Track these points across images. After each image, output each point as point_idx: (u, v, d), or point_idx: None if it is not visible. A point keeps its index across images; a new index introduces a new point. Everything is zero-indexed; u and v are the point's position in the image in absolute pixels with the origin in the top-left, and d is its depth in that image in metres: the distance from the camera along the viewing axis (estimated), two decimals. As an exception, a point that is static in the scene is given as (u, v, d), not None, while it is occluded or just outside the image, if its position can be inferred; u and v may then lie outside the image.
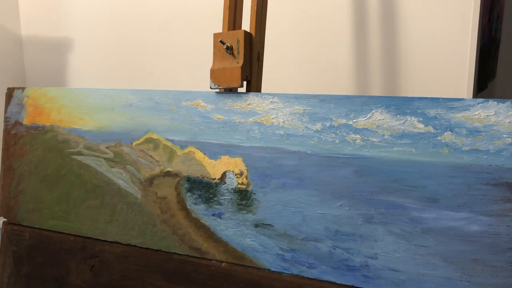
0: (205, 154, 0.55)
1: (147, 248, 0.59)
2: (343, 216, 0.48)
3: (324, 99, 0.50)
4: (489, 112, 0.42)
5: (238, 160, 0.53)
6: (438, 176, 0.44)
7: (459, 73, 0.68)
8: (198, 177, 0.56)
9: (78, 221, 0.63)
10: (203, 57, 0.64)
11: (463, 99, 0.44)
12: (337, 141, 0.49)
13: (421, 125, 0.45)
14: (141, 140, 0.60)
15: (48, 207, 0.65)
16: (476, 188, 0.43)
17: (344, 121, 0.48)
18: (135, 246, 0.60)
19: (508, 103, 0.42)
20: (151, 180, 0.59)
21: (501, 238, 0.42)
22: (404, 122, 0.46)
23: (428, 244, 0.44)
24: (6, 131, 0.69)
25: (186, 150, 0.57)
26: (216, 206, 0.54)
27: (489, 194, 0.42)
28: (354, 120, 0.48)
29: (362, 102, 0.48)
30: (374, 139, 0.47)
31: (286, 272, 0.51)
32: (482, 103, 0.43)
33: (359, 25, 0.76)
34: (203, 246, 0.55)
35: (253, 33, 0.55)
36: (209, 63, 0.56)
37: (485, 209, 0.42)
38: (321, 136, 0.49)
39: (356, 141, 0.48)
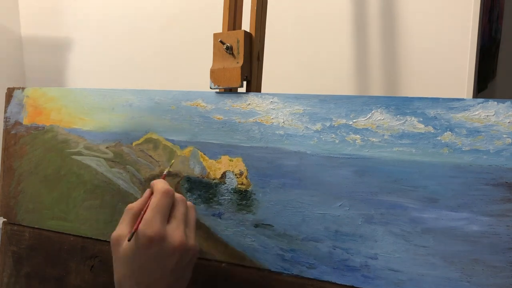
0: (205, 154, 0.55)
1: (147, 248, 0.59)
2: (343, 216, 0.48)
3: (324, 99, 0.50)
4: (489, 112, 0.42)
5: (238, 160, 0.53)
6: (438, 176, 0.44)
7: (459, 73, 0.68)
8: (198, 177, 0.56)
9: (78, 221, 0.63)
10: (203, 57, 0.64)
11: (463, 99, 0.44)
12: (337, 141, 0.48)
13: (421, 125, 0.45)
14: (141, 140, 0.60)
15: (48, 207, 0.65)
16: (476, 188, 0.43)
17: (344, 121, 0.48)
18: (135, 246, 0.59)
19: (508, 103, 0.42)
20: (151, 180, 0.59)
21: (501, 238, 0.42)
22: (404, 122, 0.46)
23: (428, 244, 0.44)
24: (6, 131, 0.69)
25: (186, 150, 0.57)
26: (216, 206, 0.55)
27: (489, 194, 0.42)
28: (354, 120, 0.48)
29: (362, 102, 0.48)
30: (374, 139, 0.47)
31: (286, 272, 0.51)
32: (482, 103, 0.43)
33: (359, 25, 0.76)
34: (203, 246, 0.55)
35: (253, 33, 0.55)
36: (209, 63, 0.56)
37: (485, 209, 0.42)
38: (321, 136, 0.49)
39: (356, 141, 0.48)
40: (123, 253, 0.43)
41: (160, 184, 0.46)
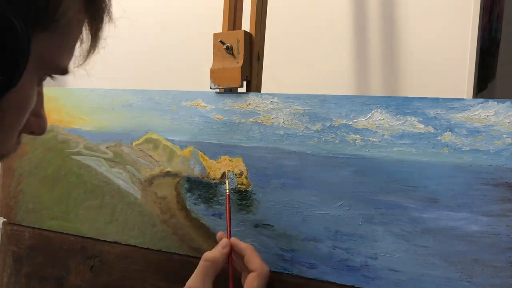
0: (205, 154, 0.55)
1: (147, 248, 0.59)
2: (343, 216, 0.48)
3: (324, 99, 0.50)
4: (489, 112, 0.42)
5: (238, 160, 0.53)
6: (438, 176, 0.44)
7: (459, 73, 0.68)
8: (198, 177, 0.56)
9: (78, 221, 0.63)
10: (203, 57, 0.64)
11: (463, 99, 0.44)
12: (337, 141, 0.48)
13: (421, 125, 0.45)
14: (141, 140, 0.60)
15: (48, 207, 0.65)
16: (476, 188, 0.43)
17: (344, 121, 0.48)
18: (135, 246, 0.60)
19: (508, 103, 0.42)
20: (151, 180, 0.59)
21: (501, 238, 0.42)
22: (404, 122, 0.46)
23: (428, 244, 0.44)
24: (6, 131, 0.69)
25: (186, 150, 0.56)
26: (216, 206, 0.54)
27: (489, 194, 0.42)
28: (354, 120, 0.48)
29: (362, 102, 0.48)
30: (374, 139, 0.47)
31: (286, 272, 0.51)
32: (482, 103, 0.43)
33: (359, 25, 0.76)
34: (203, 246, 0.55)
35: (253, 33, 0.55)
36: (209, 63, 0.56)
37: (485, 209, 0.42)
38: (321, 136, 0.49)
39: (356, 141, 0.48)
40: None
41: (259, 263, 0.46)
